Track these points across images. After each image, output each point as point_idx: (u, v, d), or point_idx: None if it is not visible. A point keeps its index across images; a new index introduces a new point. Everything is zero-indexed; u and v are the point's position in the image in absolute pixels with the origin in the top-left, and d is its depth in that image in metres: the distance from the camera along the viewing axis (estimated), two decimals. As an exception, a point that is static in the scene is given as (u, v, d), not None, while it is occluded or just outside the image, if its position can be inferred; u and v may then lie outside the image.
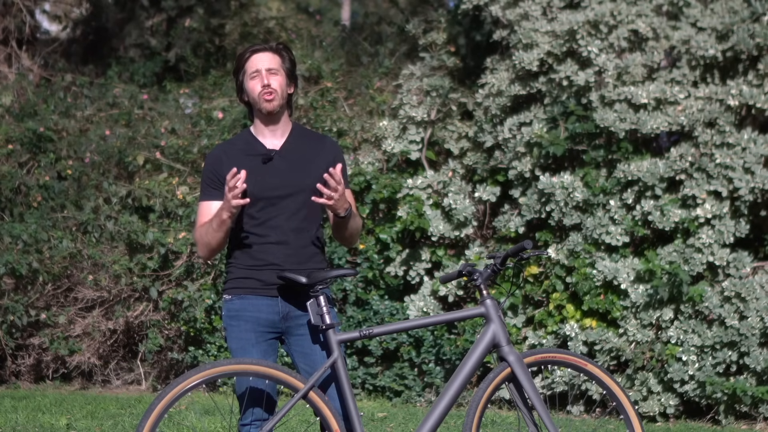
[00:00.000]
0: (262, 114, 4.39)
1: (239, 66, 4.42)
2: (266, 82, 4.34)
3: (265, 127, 4.41)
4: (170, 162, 10.43)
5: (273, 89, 4.34)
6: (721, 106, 8.49)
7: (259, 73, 4.36)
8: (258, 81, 4.36)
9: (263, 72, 4.36)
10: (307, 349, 4.34)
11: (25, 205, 10.40)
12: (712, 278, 8.37)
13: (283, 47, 4.46)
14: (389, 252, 9.41)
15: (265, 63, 4.37)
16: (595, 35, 8.95)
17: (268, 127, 4.40)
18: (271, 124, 4.40)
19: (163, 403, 4.12)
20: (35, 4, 14.79)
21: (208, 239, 4.33)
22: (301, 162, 4.37)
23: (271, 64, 4.38)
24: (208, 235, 4.32)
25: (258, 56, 4.39)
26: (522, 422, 4.44)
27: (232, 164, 4.31)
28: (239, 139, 4.48)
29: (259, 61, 4.37)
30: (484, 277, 4.42)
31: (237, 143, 4.45)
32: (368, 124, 10.20)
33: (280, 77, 4.38)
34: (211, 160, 4.40)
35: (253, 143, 4.40)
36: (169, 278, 9.83)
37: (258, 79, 4.36)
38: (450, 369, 9.08)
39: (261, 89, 4.34)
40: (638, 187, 8.59)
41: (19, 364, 10.20)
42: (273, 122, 4.40)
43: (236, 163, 4.32)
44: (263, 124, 4.41)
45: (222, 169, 4.34)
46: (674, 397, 8.28)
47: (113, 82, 11.96)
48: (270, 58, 4.39)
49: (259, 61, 4.37)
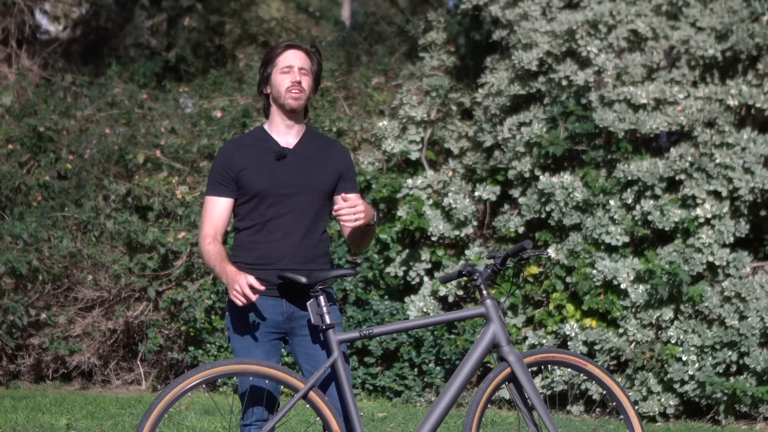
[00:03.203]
0: (283, 110, 4.39)
1: (270, 58, 4.41)
2: (297, 79, 4.35)
3: (282, 123, 4.40)
4: (170, 161, 10.43)
5: (302, 88, 4.35)
6: (721, 106, 8.49)
7: (292, 69, 4.36)
8: (289, 76, 4.35)
9: (296, 69, 4.36)
10: (310, 350, 4.34)
11: (25, 204, 10.40)
12: (712, 278, 8.37)
13: (315, 50, 4.48)
14: (389, 252, 9.41)
15: (299, 61, 4.38)
16: (595, 35, 8.96)
17: (285, 123, 4.40)
18: (289, 121, 4.40)
19: (163, 403, 4.12)
20: (35, 4, 14.79)
21: (207, 263, 4.36)
22: (313, 163, 4.37)
23: (304, 63, 4.39)
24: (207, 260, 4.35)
25: (293, 52, 4.39)
26: (522, 422, 4.45)
27: (242, 160, 4.32)
28: (252, 135, 4.47)
29: (294, 58, 4.38)
30: (484, 277, 4.42)
31: (249, 139, 4.44)
32: (368, 123, 10.21)
33: (309, 78, 4.40)
34: (222, 156, 4.39)
35: (267, 140, 4.40)
36: (169, 278, 9.83)
37: (289, 75, 4.35)
38: (450, 369, 9.08)
39: (290, 85, 4.34)
40: (638, 187, 8.59)
41: (19, 364, 10.20)
42: (292, 120, 4.40)
43: (247, 159, 4.33)
44: (281, 120, 4.41)
45: (233, 164, 4.34)
46: (674, 397, 8.28)
47: (113, 81, 11.95)
48: (303, 58, 4.40)
49: (294, 58, 4.38)
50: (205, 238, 4.37)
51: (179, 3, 15.20)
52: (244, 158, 4.34)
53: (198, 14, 15.01)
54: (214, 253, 4.32)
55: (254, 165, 4.33)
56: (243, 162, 4.32)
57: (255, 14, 15.50)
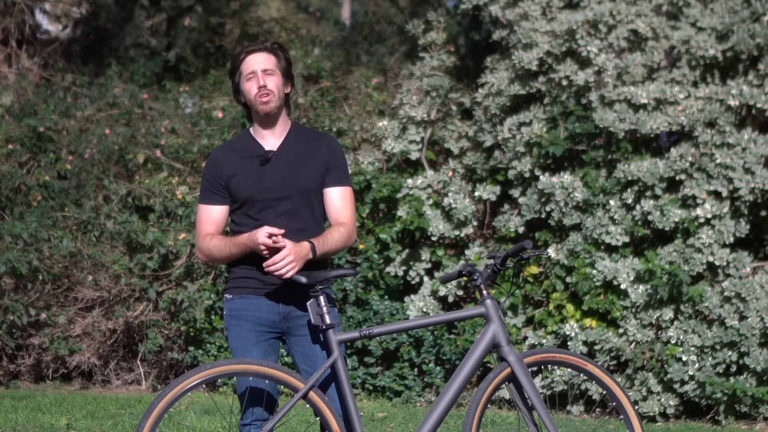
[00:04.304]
0: (259, 115, 4.37)
1: (235, 67, 4.39)
2: (262, 83, 4.31)
3: (262, 129, 4.39)
4: (170, 161, 10.43)
5: (269, 90, 4.31)
6: (721, 106, 8.48)
7: (255, 74, 4.33)
8: (254, 82, 4.32)
9: (259, 73, 4.32)
10: (307, 350, 4.34)
11: (25, 204, 10.40)
12: (712, 278, 8.37)
13: (278, 46, 4.42)
14: (389, 252, 9.41)
15: (260, 64, 4.34)
16: (595, 35, 8.95)
17: (265, 128, 4.38)
18: (269, 125, 4.38)
19: (163, 403, 4.12)
20: (35, 4, 14.79)
21: (218, 255, 4.32)
22: (298, 163, 4.35)
23: (267, 64, 4.34)
24: (218, 251, 4.31)
25: (253, 57, 4.35)
26: (522, 422, 4.44)
27: (230, 167, 4.31)
28: (238, 140, 4.46)
29: (254, 62, 4.34)
30: (484, 277, 4.42)
31: (236, 145, 4.42)
32: (368, 123, 10.21)
33: (276, 77, 4.35)
34: (211, 164, 4.38)
35: (252, 145, 4.39)
36: (169, 278, 9.83)
37: (254, 81, 4.32)
38: (450, 369, 9.08)
39: (257, 91, 4.31)
40: (638, 187, 8.59)
41: (19, 364, 10.20)
42: (271, 123, 4.38)
43: (234, 165, 4.32)
44: (261, 125, 4.39)
45: (221, 171, 4.34)
46: (674, 397, 8.28)
47: (113, 81, 11.95)
48: (265, 59, 4.35)
49: (255, 62, 4.34)
50: (206, 236, 4.36)
51: (179, 3, 15.20)
52: (232, 165, 4.33)
53: (198, 14, 15.02)
54: (218, 241, 4.31)
55: (241, 171, 4.32)
56: (231, 168, 4.32)
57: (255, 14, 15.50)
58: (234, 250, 4.28)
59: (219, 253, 4.32)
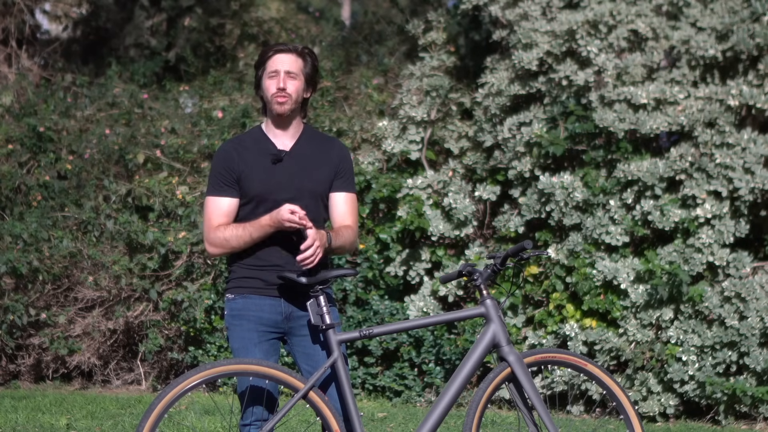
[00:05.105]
0: (273, 115, 4.38)
1: (261, 62, 4.37)
2: (282, 86, 4.29)
3: (276, 128, 4.39)
4: (170, 161, 10.43)
5: (287, 94, 4.30)
6: (721, 106, 8.49)
7: (278, 74, 4.31)
8: (275, 82, 4.31)
9: (282, 74, 4.31)
10: (309, 350, 4.33)
11: (25, 204, 10.40)
12: (712, 278, 8.37)
13: (308, 51, 4.40)
14: (389, 252, 9.41)
15: (285, 65, 4.32)
16: (595, 35, 8.96)
17: (279, 127, 4.38)
18: (282, 126, 4.37)
19: (163, 403, 4.12)
20: (35, 4, 14.79)
21: (237, 243, 4.27)
22: (309, 165, 4.35)
23: (292, 67, 4.32)
24: (236, 239, 4.26)
25: (280, 57, 4.34)
26: (522, 422, 4.44)
27: (243, 162, 4.30)
28: (250, 136, 4.44)
29: (279, 62, 4.32)
30: (484, 277, 4.42)
31: (247, 140, 4.40)
32: (368, 124, 10.21)
33: (298, 82, 4.33)
34: (222, 156, 4.35)
35: (264, 142, 4.38)
36: (169, 278, 9.83)
37: (275, 80, 4.31)
38: (450, 369, 9.08)
39: (275, 91, 4.30)
40: (638, 187, 8.59)
41: (19, 364, 10.20)
42: (284, 124, 4.37)
43: (248, 161, 4.31)
44: (274, 123, 4.39)
45: (234, 165, 4.31)
46: (674, 397, 8.28)
47: (113, 81, 11.95)
48: (292, 61, 4.33)
49: (280, 62, 4.32)
50: (218, 228, 4.31)
51: (179, 3, 15.20)
52: (244, 160, 4.32)
53: (198, 14, 15.02)
54: (234, 229, 4.27)
55: (253, 167, 4.31)
56: (243, 163, 4.31)
57: (254, 15, 15.50)
58: (255, 234, 4.24)
59: (238, 241, 4.27)
